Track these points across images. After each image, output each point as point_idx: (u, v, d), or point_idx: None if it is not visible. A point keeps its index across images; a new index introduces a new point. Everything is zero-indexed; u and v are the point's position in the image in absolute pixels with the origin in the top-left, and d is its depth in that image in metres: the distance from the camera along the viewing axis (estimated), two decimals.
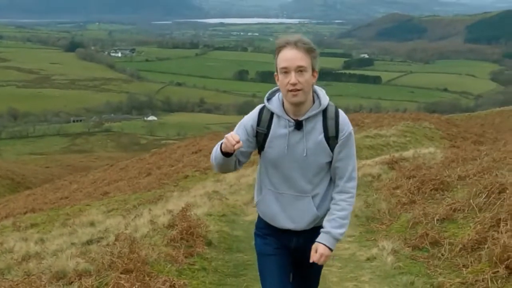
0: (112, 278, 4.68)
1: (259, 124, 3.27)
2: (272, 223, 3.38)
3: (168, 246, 6.07)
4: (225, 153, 3.12)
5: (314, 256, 3.20)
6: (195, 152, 23.69)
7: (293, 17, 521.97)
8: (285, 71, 3.09)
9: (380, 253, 6.11)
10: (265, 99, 3.32)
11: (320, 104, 3.23)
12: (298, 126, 3.19)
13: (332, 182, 3.34)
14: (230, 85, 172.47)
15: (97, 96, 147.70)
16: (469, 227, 5.88)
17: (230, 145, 3.03)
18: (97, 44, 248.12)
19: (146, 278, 4.69)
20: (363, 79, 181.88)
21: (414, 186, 8.36)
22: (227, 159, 3.17)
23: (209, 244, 6.65)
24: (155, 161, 25.59)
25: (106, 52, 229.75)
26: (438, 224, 6.38)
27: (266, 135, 3.25)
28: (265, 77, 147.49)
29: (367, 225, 7.59)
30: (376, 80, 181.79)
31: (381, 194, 8.84)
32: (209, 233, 6.95)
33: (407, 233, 6.56)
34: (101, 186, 21.54)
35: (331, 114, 3.24)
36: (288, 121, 3.20)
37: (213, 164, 3.31)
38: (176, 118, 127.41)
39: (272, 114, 3.26)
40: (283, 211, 3.31)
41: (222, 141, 3.12)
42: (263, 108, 3.31)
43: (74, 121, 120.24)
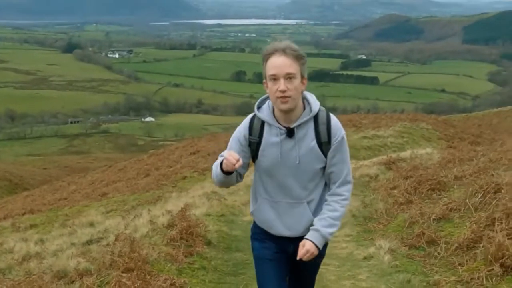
0: (114, 277, 4.74)
1: (251, 133, 3.26)
2: (269, 231, 3.37)
3: (168, 246, 6.14)
4: (226, 172, 3.14)
5: (300, 252, 3.17)
6: (193, 153, 23.68)
7: (291, 18, 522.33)
8: (274, 78, 3.07)
9: (377, 252, 6.18)
10: (255, 108, 3.30)
11: (311, 110, 3.21)
12: (290, 134, 3.17)
13: (327, 187, 3.34)
14: (228, 86, 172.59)
15: (95, 97, 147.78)
16: (465, 226, 5.94)
17: (231, 165, 3.04)
18: (95, 45, 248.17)
19: (147, 277, 4.76)
20: (361, 80, 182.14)
21: (411, 186, 8.43)
22: (229, 177, 3.19)
23: (209, 244, 6.71)
24: (153, 162, 25.57)
25: (104, 53, 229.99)
26: (435, 224, 6.45)
27: (259, 144, 3.24)
28: (263, 78, 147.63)
29: (365, 225, 7.66)
30: (374, 81, 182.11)
31: (379, 194, 8.91)
32: (208, 233, 7.01)
33: (404, 233, 6.63)
34: (100, 187, 21.54)
35: (323, 120, 3.22)
36: (280, 129, 3.18)
37: (215, 181, 3.31)
38: (174, 119, 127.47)
39: (263, 123, 3.24)
40: (279, 219, 3.31)
41: (222, 160, 3.13)
42: (254, 117, 3.29)
43: (72, 122, 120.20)
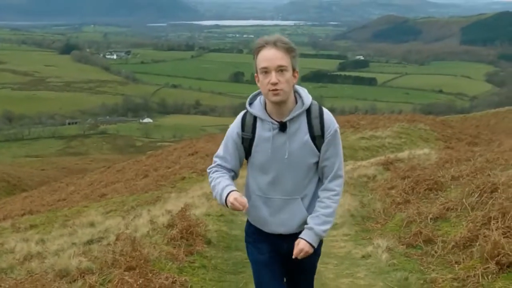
0: (116, 275, 4.81)
1: (244, 130, 3.23)
2: (263, 229, 3.34)
3: (169, 245, 6.21)
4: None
5: (294, 251, 3.16)
6: (192, 154, 23.70)
7: (288, 19, 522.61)
8: (265, 71, 3.03)
9: (375, 251, 6.25)
10: (247, 104, 3.27)
11: (303, 104, 3.16)
12: (283, 128, 3.14)
13: (320, 182, 3.31)
14: (226, 87, 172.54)
15: (92, 99, 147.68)
16: (462, 226, 6.01)
17: (238, 209, 3.04)
18: (92, 46, 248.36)
19: (149, 275, 4.83)
20: (359, 81, 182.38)
21: (409, 186, 8.52)
22: None
23: (209, 243, 6.78)
24: (152, 163, 25.60)
25: (102, 54, 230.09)
26: (432, 223, 6.52)
27: (252, 140, 3.22)
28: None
29: (363, 224, 7.74)
30: (372, 82, 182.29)
31: (376, 194, 9.00)
32: (208, 232, 7.08)
33: (402, 232, 6.71)
34: (98, 188, 21.58)
35: (315, 113, 3.18)
36: (272, 124, 3.15)
37: (213, 197, 3.28)
38: (172, 120, 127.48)
39: (256, 118, 3.21)
40: (273, 216, 3.27)
41: (225, 191, 3.11)
42: (246, 114, 3.26)
43: (69, 124, 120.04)
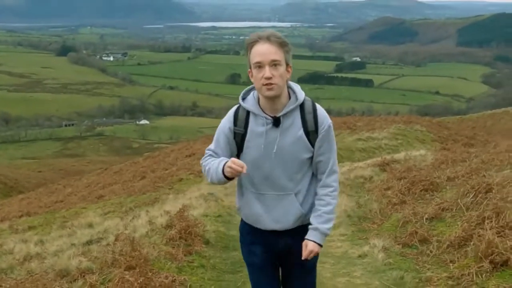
0: (116, 275, 4.88)
1: (236, 124, 3.21)
2: (257, 226, 3.31)
3: (168, 245, 6.28)
4: (231, 178, 3.10)
5: (304, 253, 3.17)
6: (189, 156, 23.73)
7: (285, 21, 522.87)
8: (259, 66, 3.01)
9: (372, 251, 6.33)
10: (240, 98, 3.24)
11: (297, 99, 3.16)
12: (276, 123, 3.12)
13: (314, 177, 3.30)
14: (223, 89, 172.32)
15: (89, 100, 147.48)
16: (457, 225, 6.08)
17: (237, 173, 3.00)
18: (89, 48, 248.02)
19: (149, 274, 4.90)
20: (355, 82, 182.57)
21: (405, 187, 8.60)
22: (231, 180, 3.15)
23: (207, 243, 6.85)
24: (149, 165, 25.62)
25: (98, 56, 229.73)
26: (427, 223, 6.60)
27: (244, 135, 3.19)
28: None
29: (359, 225, 7.82)
30: (368, 83, 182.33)
31: (373, 195, 9.08)
32: (207, 233, 7.16)
33: (397, 232, 6.78)
34: (96, 190, 21.58)
35: (309, 108, 3.18)
36: (266, 119, 3.13)
37: (214, 182, 3.20)
38: (169, 122, 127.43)
39: (248, 113, 3.19)
40: (267, 212, 3.25)
41: (221, 164, 3.08)
42: (239, 108, 3.24)
43: (66, 125, 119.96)
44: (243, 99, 3.25)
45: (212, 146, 3.30)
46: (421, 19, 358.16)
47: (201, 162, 3.32)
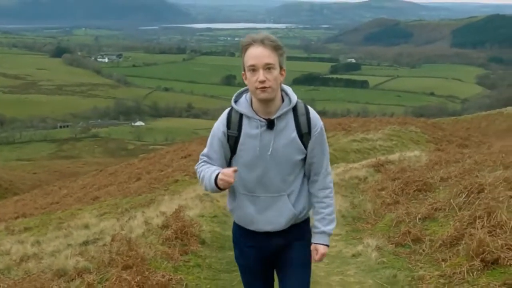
0: (113, 274, 4.95)
1: (229, 127, 3.20)
2: (249, 227, 3.32)
3: (164, 245, 6.35)
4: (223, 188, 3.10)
5: (317, 257, 3.27)
6: (184, 157, 23.74)
7: (280, 22, 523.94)
8: (253, 69, 3.01)
9: (365, 250, 6.42)
10: (232, 101, 3.24)
11: (290, 101, 3.17)
12: (270, 125, 3.12)
13: (306, 178, 3.33)
14: (218, 90, 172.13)
15: (84, 102, 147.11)
16: (449, 225, 6.17)
17: (228, 184, 3.03)
18: (84, 50, 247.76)
19: (146, 273, 4.97)
20: (350, 84, 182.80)
21: (399, 188, 8.71)
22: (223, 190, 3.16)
23: (203, 243, 6.92)
24: (144, 166, 25.62)
25: (93, 58, 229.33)
26: (420, 223, 6.69)
27: (238, 138, 3.18)
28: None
29: (353, 225, 7.92)
30: (363, 85, 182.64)
31: (367, 196, 9.18)
32: (202, 233, 7.22)
33: (391, 231, 6.87)
34: (91, 191, 21.58)
35: (302, 110, 3.19)
36: (260, 121, 3.13)
37: (204, 189, 3.25)
38: (164, 123, 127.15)
39: (241, 116, 3.19)
40: (260, 214, 3.25)
41: (214, 174, 3.10)
42: (231, 111, 3.23)
43: (61, 127, 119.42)
44: (236, 102, 3.25)
45: (206, 151, 3.31)
46: (416, 20, 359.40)
47: (196, 168, 3.34)
